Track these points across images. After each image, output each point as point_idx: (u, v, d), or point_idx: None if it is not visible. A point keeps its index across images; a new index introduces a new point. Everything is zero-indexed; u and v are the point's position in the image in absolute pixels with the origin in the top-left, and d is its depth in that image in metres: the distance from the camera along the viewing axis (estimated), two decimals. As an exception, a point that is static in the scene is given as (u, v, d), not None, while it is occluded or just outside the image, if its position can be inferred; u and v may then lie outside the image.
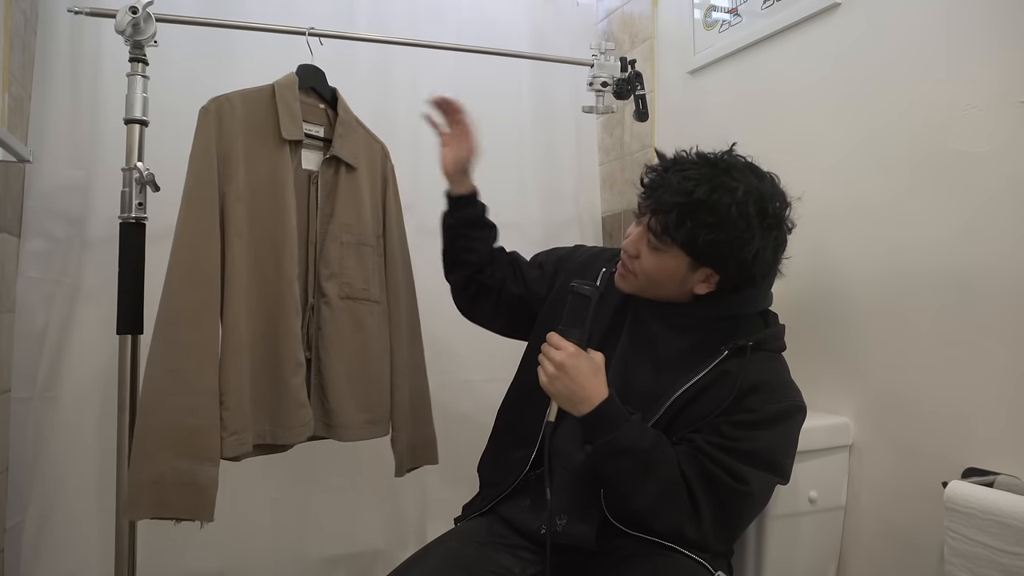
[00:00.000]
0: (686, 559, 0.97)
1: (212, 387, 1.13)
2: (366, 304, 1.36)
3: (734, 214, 0.96)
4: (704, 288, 1.03)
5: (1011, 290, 1.03)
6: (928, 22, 1.17)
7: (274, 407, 1.23)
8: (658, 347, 1.08)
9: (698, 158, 1.02)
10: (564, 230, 2.00)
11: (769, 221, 0.99)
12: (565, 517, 1.06)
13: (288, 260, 1.24)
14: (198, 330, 1.13)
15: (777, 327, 1.10)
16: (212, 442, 1.12)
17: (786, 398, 1.02)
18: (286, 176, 1.25)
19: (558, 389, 0.98)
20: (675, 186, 0.98)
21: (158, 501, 1.09)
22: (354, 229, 1.35)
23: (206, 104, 1.20)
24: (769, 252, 1.00)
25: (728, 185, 0.97)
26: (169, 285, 1.13)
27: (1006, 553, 0.92)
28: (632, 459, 0.95)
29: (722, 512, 0.98)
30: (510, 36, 1.85)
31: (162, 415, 1.10)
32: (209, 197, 1.16)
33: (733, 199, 0.96)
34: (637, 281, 1.06)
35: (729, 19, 1.63)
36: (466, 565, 1.03)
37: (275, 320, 1.23)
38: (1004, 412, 1.04)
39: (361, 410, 1.35)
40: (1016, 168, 1.03)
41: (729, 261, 0.99)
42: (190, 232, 1.15)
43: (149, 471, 1.08)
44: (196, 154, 1.18)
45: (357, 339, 1.34)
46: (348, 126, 1.36)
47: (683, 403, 1.01)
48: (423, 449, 1.46)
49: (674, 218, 0.97)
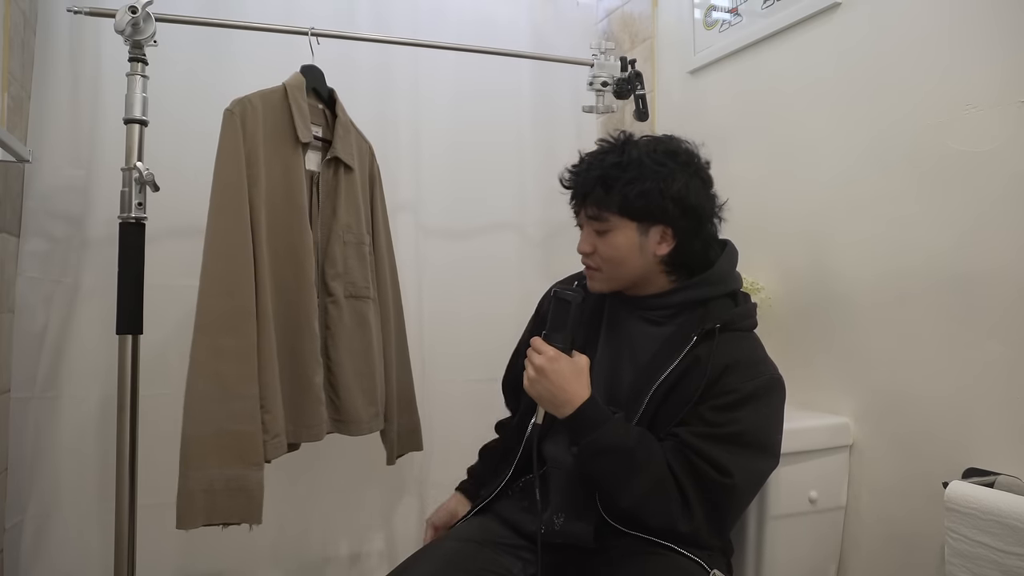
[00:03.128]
0: (683, 558, 0.97)
1: (254, 392, 1.15)
2: (367, 302, 1.39)
3: (648, 162, 1.01)
4: (665, 248, 1.04)
5: (1011, 290, 1.03)
6: (929, 22, 1.17)
7: (298, 407, 1.26)
8: (635, 344, 1.08)
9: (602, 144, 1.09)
10: (564, 230, 1.98)
11: (682, 158, 1.04)
12: (563, 516, 1.06)
13: (307, 262, 1.26)
14: (240, 335, 1.15)
15: (747, 306, 1.10)
16: (257, 446, 1.14)
17: (762, 373, 1.01)
18: (300, 178, 1.27)
19: (539, 392, 0.99)
20: (587, 166, 1.06)
21: (209, 509, 1.11)
22: (354, 229, 1.37)
23: (230, 106, 1.20)
24: (698, 185, 1.04)
25: (633, 143, 1.05)
26: (207, 291, 1.15)
27: (1006, 553, 0.92)
28: (616, 458, 0.96)
29: (711, 505, 0.98)
30: (510, 36, 1.85)
31: (208, 421, 1.12)
32: (240, 201, 1.18)
33: (639, 151, 1.03)
34: (604, 274, 1.08)
35: (729, 19, 1.63)
36: (465, 565, 1.03)
37: (297, 321, 1.25)
38: (1004, 412, 1.04)
39: (369, 404, 1.39)
40: (1017, 168, 1.03)
41: (666, 203, 1.01)
42: (226, 237, 1.16)
43: (199, 479, 1.10)
44: (224, 157, 1.18)
45: (362, 336, 1.37)
46: (346, 127, 1.37)
47: (662, 395, 1.01)
48: (409, 436, 1.53)
49: (601, 191, 1.02)
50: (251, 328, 1.16)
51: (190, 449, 1.11)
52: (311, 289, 1.26)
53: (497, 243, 1.91)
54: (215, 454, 1.11)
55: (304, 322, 1.25)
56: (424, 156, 1.79)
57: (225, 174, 1.17)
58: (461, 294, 1.84)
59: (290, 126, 1.25)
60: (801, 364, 1.36)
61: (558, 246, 2.00)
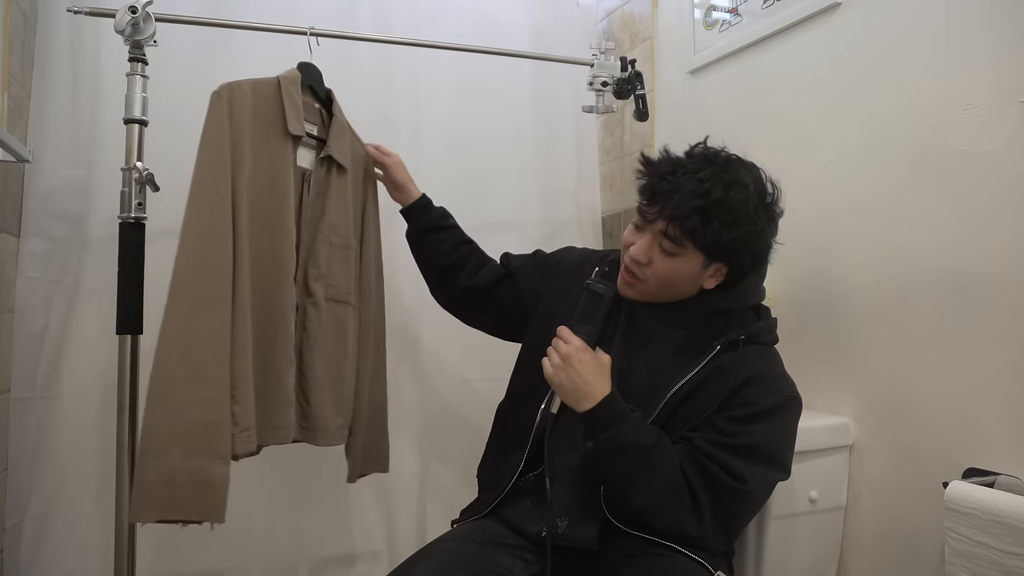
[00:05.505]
0: (687, 559, 0.97)
1: (224, 379, 1.08)
2: (346, 307, 1.34)
3: (751, 209, 0.98)
4: (713, 282, 1.04)
5: (1011, 289, 1.03)
6: (927, 21, 1.17)
7: (267, 406, 1.19)
8: (654, 345, 1.08)
9: (696, 157, 1.02)
10: (564, 230, 1.99)
11: (772, 210, 1.02)
12: (567, 519, 1.05)
13: (287, 256, 1.22)
14: (213, 317, 1.08)
15: (769, 320, 1.10)
16: (225, 438, 1.06)
17: (781, 390, 1.02)
18: (287, 171, 1.24)
19: (562, 381, 0.99)
20: (690, 189, 0.97)
21: (168, 503, 1.02)
22: (341, 230, 1.33)
23: (218, 89, 1.17)
24: (772, 237, 1.04)
25: (739, 180, 0.98)
26: (182, 270, 1.08)
27: (1007, 553, 0.92)
28: (633, 456, 0.95)
29: (722, 510, 0.98)
30: (510, 36, 1.84)
31: (173, 406, 1.03)
32: (223, 182, 1.12)
33: (747, 194, 0.98)
34: (647, 287, 1.06)
35: (729, 19, 1.63)
36: (466, 565, 1.02)
37: (273, 316, 1.20)
38: (1005, 412, 1.04)
39: (338, 414, 1.31)
40: (1015, 167, 1.03)
41: (745, 254, 1.00)
42: (205, 216, 1.11)
43: (159, 469, 1.01)
44: (208, 137, 1.14)
45: (338, 342, 1.31)
46: (342, 127, 1.36)
47: (679, 400, 1.01)
48: (374, 456, 1.43)
49: (697, 221, 0.96)
50: (226, 312, 1.10)
51: (152, 434, 1.02)
52: (289, 285, 1.22)
53: (497, 243, 1.90)
54: (179, 442, 1.02)
55: (279, 318, 1.21)
56: (424, 156, 1.79)
57: (209, 155, 1.12)
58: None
59: (280, 117, 1.23)
60: (801, 364, 1.35)
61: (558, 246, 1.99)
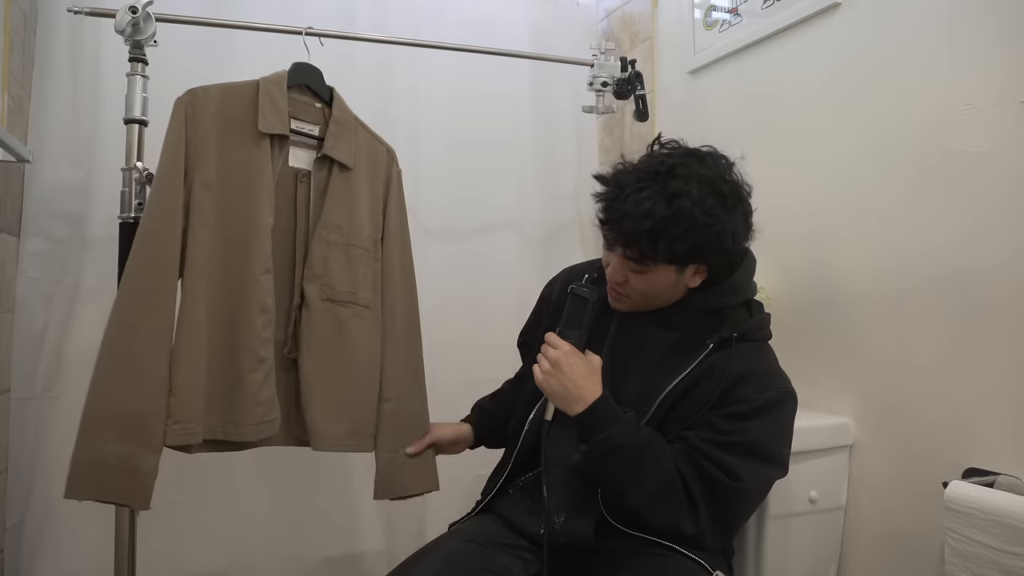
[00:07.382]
0: (685, 559, 0.97)
1: (162, 373, 1.12)
2: (351, 308, 1.30)
3: (699, 214, 0.95)
4: (697, 280, 1.04)
5: (1011, 290, 1.03)
6: (929, 22, 1.17)
7: (228, 403, 1.20)
8: (647, 346, 1.08)
9: (639, 172, 1.00)
10: (564, 230, 2.00)
11: (730, 202, 0.99)
12: (563, 515, 1.06)
13: (257, 255, 1.20)
14: (152, 314, 1.12)
15: (762, 316, 1.10)
16: (155, 429, 1.11)
17: (775, 386, 1.02)
18: (262, 171, 1.22)
19: (553, 387, 0.99)
20: (632, 212, 0.95)
21: (98, 484, 1.08)
22: (344, 230, 1.30)
23: (181, 95, 1.18)
24: (741, 225, 1.02)
25: (680, 190, 0.95)
26: (127, 268, 1.13)
27: (1006, 553, 0.92)
28: (627, 457, 0.95)
29: (718, 508, 0.98)
30: (510, 36, 1.84)
31: (108, 397, 1.09)
32: (174, 182, 1.15)
33: (691, 201, 0.94)
34: (633, 301, 1.07)
35: (729, 19, 1.63)
36: (466, 565, 1.03)
37: (236, 314, 1.20)
38: (1005, 412, 1.04)
39: (340, 419, 1.27)
40: (1017, 168, 1.03)
41: (711, 255, 1.00)
42: (152, 218, 1.14)
43: (90, 451, 1.08)
44: (166, 142, 1.17)
45: (337, 343, 1.28)
46: (344, 125, 1.34)
47: (673, 400, 1.02)
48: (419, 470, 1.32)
49: (646, 243, 0.96)
50: (166, 308, 1.13)
51: (88, 420, 1.09)
52: (256, 283, 1.21)
53: (497, 243, 1.91)
54: (113, 429, 1.08)
55: (243, 315, 1.20)
56: (423, 156, 1.79)
57: (163, 159, 1.16)
58: (460, 294, 1.83)
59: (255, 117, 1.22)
60: (801, 364, 1.35)
61: (558, 246, 2.00)
